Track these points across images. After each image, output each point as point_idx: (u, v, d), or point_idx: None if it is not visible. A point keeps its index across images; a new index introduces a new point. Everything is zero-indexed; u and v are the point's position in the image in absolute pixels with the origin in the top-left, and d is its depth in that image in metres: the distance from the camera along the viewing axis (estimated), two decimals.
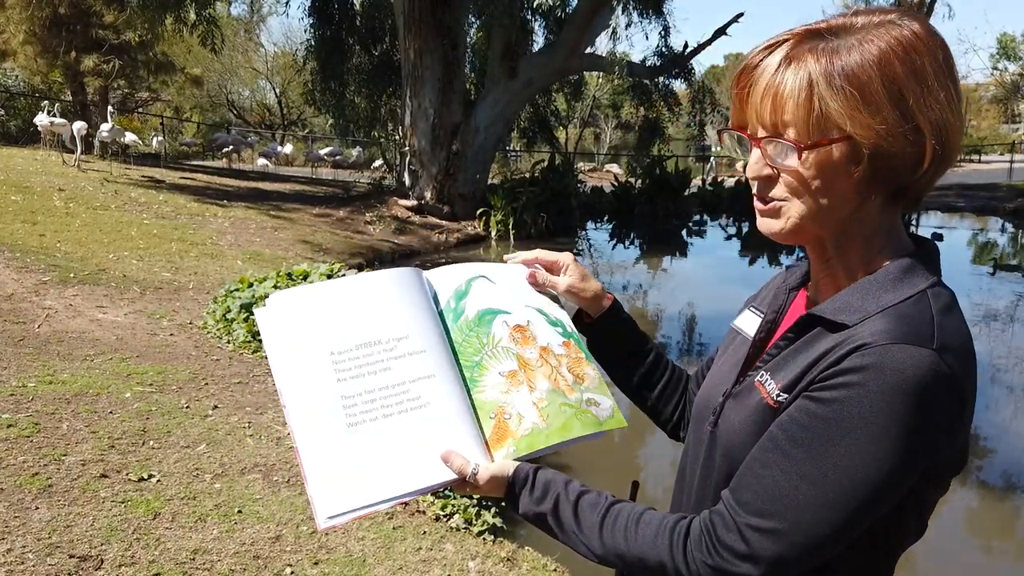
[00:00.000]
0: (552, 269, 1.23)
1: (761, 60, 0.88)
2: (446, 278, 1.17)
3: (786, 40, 0.87)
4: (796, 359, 0.88)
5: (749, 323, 1.06)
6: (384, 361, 1.05)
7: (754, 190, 0.92)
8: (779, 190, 0.89)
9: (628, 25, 15.20)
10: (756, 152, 0.89)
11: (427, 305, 1.12)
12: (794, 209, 0.88)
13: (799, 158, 0.85)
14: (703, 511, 0.91)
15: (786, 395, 0.87)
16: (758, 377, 0.93)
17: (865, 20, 0.85)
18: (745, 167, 0.93)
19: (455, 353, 1.11)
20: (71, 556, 2.60)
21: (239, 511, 3.12)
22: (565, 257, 1.24)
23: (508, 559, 3.15)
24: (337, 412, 1.01)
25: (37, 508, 2.87)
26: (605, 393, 1.16)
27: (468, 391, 1.09)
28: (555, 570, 3.15)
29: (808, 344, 0.88)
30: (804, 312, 0.92)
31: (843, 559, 0.88)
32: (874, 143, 0.82)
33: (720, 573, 0.85)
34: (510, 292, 1.19)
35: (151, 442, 3.63)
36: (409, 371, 1.05)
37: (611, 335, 1.24)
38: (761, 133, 0.88)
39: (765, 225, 0.92)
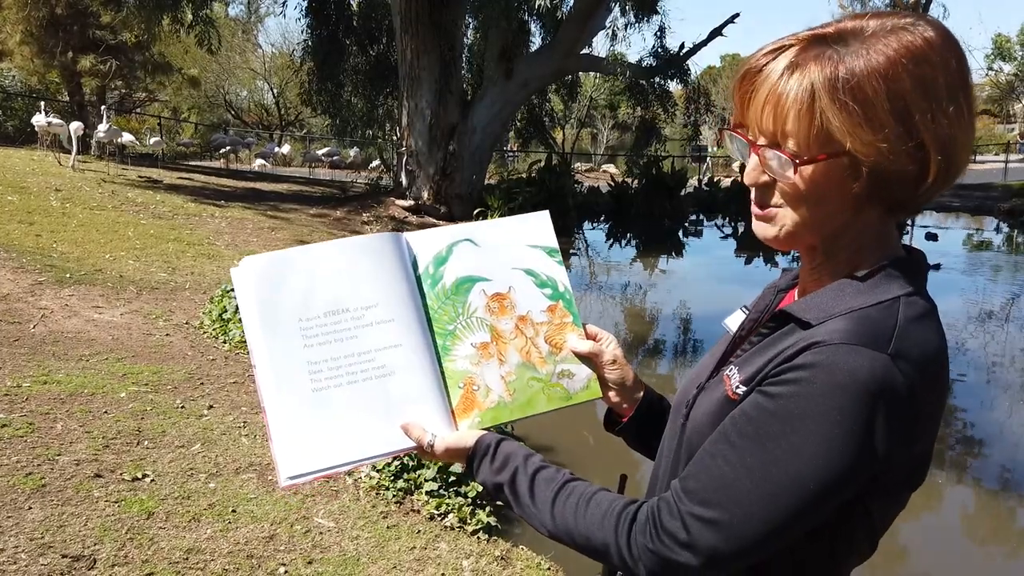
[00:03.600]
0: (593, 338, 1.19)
1: (766, 64, 0.85)
2: (428, 242, 1.15)
3: (792, 45, 0.84)
4: (763, 354, 0.89)
5: (736, 322, 1.06)
6: (351, 329, 1.06)
7: (752, 195, 0.92)
8: (776, 198, 0.88)
9: (627, 27, 15.19)
10: (754, 158, 0.88)
11: (401, 272, 1.11)
12: (789, 217, 0.87)
13: (795, 171, 0.83)
14: (652, 498, 0.91)
15: (745, 387, 0.88)
16: (727, 371, 0.93)
17: (877, 25, 0.82)
18: (742, 170, 0.92)
19: (429, 320, 1.11)
20: (64, 556, 2.61)
21: (233, 511, 3.13)
22: (611, 343, 1.19)
23: (502, 558, 3.16)
24: (303, 377, 1.04)
25: (30, 508, 2.87)
26: (583, 362, 1.16)
27: (439, 359, 1.10)
28: (548, 568, 3.16)
29: (777, 340, 0.89)
30: None
31: (786, 570, 0.88)
32: (874, 160, 0.79)
33: (660, 559, 0.85)
34: (495, 255, 1.17)
35: (146, 442, 3.63)
36: (376, 340, 1.07)
37: (650, 432, 1.17)
38: (761, 140, 0.87)
39: (760, 230, 0.91)
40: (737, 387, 0.89)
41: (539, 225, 1.21)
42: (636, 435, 1.19)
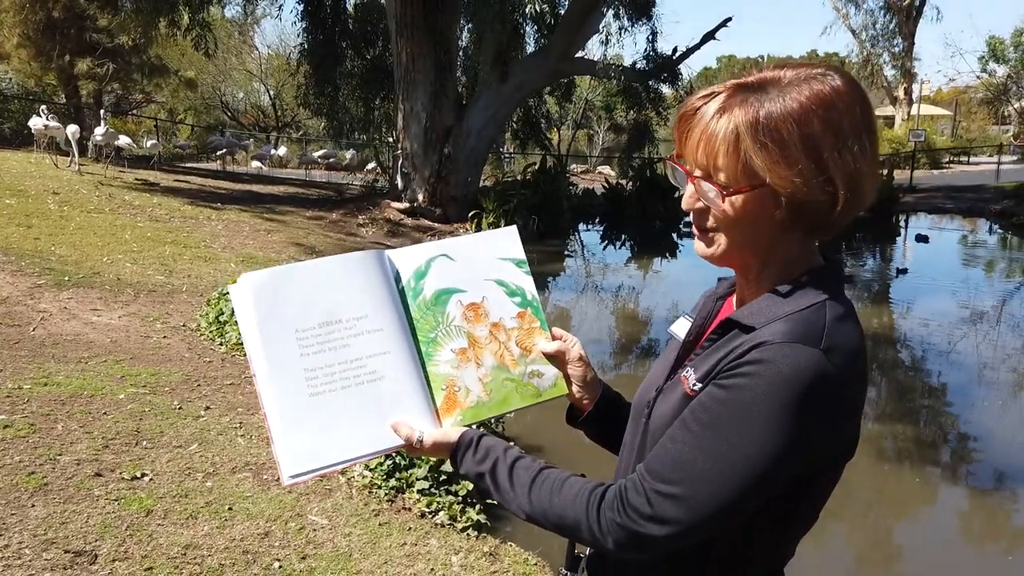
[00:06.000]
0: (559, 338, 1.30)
1: (699, 108, 0.99)
2: (407, 258, 1.26)
3: (721, 92, 0.98)
4: (714, 356, 1.02)
5: (682, 328, 1.19)
6: (344, 338, 1.16)
7: (690, 217, 1.05)
8: (711, 221, 1.02)
9: (621, 31, 15.30)
10: (691, 187, 1.02)
11: (387, 286, 1.22)
12: (723, 239, 1.01)
13: (723, 200, 0.97)
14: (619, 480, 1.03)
15: (700, 384, 1.00)
16: (683, 372, 1.06)
17: (792, 75, 0.95)
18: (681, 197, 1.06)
19: (413, 329, 1.22)
20: (66, 551, 2.71)
21: (229, 508, 3.23)
22: (575, 344, 1.29)
23: (490, 554, 3.26)
24: (300, 383, 1.13)
25: (33, 505, 2.97)
26: (550, 363, 1.28)
27: (423, 364, 1.21)
28: (536, 564, 3.26)
29: (725, 344, 1.02)
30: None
31: (738, 541, 1.01)
32: (790, 192, 0.94)
33: (627, 531, 0.97)
34: (468, 268, 1.28)
35: (144, 442, 3.73)
36: (367, 348, 1.17)
37: (607, 424, 1.30)
38: (697, 172, 1.00)
39: (699, 249, 1.05)
40: (694, 385, 1.01)
41: (508, 239, 1.33)
42: (595, 427, 1.30)
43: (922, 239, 14.95)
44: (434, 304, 1.24)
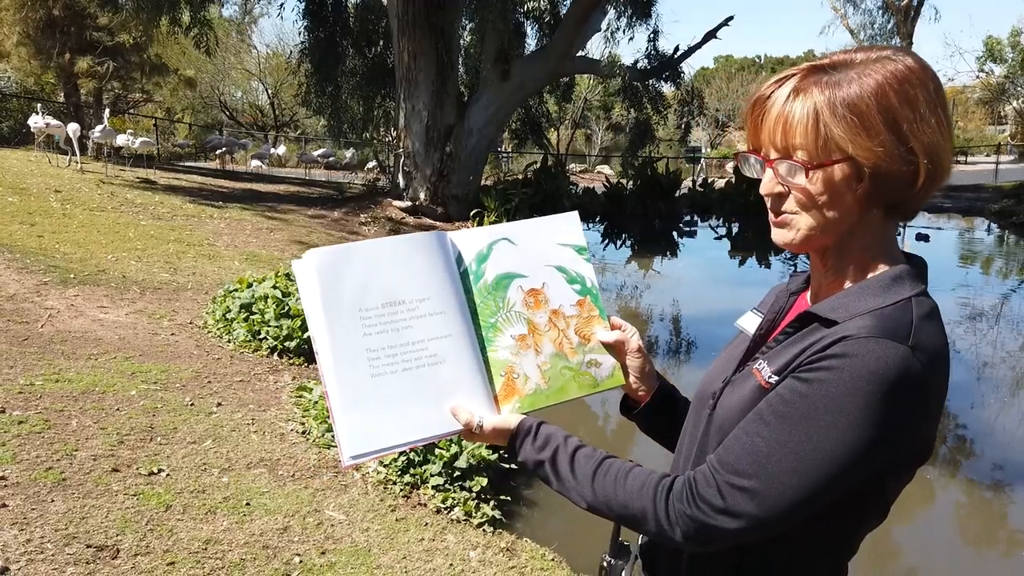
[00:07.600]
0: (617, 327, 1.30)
1: (772, 92, 0.99)
2: (470, 240, 1.25)
3: (794, 75, 0.99)
4: (791, 349, 1.00)
5: (751, 323, 1.17)
6: (407, 320, 1.15)
7: (768, 205, 1.04)
8: (790, 204, 1.00)
9: (619, 30, 15.33)
10: (769, 172, 1.01)
11: (449, 268, 1.20)
12: (803, 221, 1.00)
13: (807, 176, 0.96)
14: (687, 471, 1.02)
15: (777, 377, 0.99)
16: (756, 365, 1.04)
17: (863, 56, 0.96)
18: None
19: (474, 313, 1.21)
20: (88, 546, 2.71)
21: (247, 504, 3.23)
22: (633, 334, 1.29)
23: (507, 549, 3.27)
24: (363, 364, 1.12)
25: (53, 501, 2.97)
26: (608, 352, 1.27)
27: (484, 349, 1.20)
28: (552, 559, 3.27)
29: (803, 337, 1.00)
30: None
31: (806, 533, 0.99)
32: (873, 163, 0.93)
33: (697, 523, 0.96)
34: (530, 253, 1.27)
35: (158, 438, 3.73)
36: (428, 330, 1.16)
37: (661, 417, 1.29)
38: (773, 155, 1.00)
39: (778, 236, 1.03)
40: (770, 377, 1.00)
41: (569, 225, 1.31)
42: (650, 420, 1.30)
43: (922, 238, 14.99)
44: (495, 289, 1.23)
